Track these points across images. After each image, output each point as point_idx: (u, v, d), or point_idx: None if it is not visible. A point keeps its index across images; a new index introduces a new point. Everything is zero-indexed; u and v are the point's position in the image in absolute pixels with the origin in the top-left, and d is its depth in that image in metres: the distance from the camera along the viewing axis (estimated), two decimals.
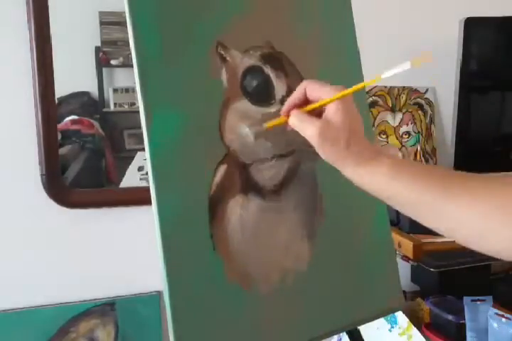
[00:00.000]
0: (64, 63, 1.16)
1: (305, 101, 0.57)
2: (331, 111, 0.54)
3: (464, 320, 1.09)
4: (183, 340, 0.54)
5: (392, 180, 0.52)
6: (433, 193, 0.49)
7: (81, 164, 1.27)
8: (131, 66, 0.55)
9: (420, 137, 1.52)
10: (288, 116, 0.58)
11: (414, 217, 0.52)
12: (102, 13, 1.26)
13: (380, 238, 0.75)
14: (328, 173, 0.66)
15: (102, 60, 1.28)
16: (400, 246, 1.12)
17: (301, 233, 0.66)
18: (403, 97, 1.49)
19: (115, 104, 1.31)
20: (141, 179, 1.28)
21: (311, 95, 0.57)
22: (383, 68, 0.55)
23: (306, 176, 0.67)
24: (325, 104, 0.55)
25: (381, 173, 0.53)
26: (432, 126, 1.53)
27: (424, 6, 1.46)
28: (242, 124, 0.62)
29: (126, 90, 1.32)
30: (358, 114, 0.56)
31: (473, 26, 1.33)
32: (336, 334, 0.74)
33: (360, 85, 0.54)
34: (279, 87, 0.65)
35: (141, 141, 0.56)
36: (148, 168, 0.55)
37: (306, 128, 0.56)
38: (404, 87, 1.48)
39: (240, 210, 0.60)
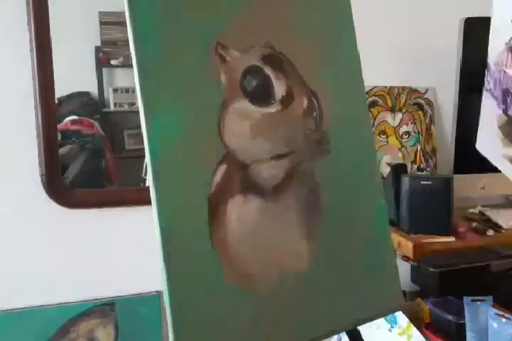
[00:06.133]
0: (64, 63, 1.16)
1: None
2: None
3: (464, 320, 1.09)
4: (182, 340, 0.54)
5: None
6: None
7: (81, 164, 1.27)
8: (131, 66, 0.55)
9: (420, 137, 1.52)
10: None
11: None
12: (102, 13, 1.26)
13: (380, 238, 0.75)
14: (328, 173, 0.66)
15: (102, 60, 1.28)
16: (399, 246, 1.12)
17: (300, 233, 0.66)
18: (403, 97, 1.49)
19: (115, 104, 1.31)
20: None
21: None
22: (383, 69, 0.56)
23: (306, 176, 0.67)
24: None
25: None
26: (432, 126, 1.53)
27: (424, 6, 1.46)
28: (241, 124, 0.62)
29: (126, 90, 1.33)
30: None
31: (473, 26, 1.34)
32: (335, 334, 0.74)
33: None
34: (279, 88, 0.65)
35: (141, 141, 0.56)
36: (148, 168, 0.55)
37: None
38: (404, 87, 1.48)
39: (239, 210, 0.60)
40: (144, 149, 0.55)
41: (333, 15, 0.75)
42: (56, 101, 1.16)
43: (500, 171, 1.07)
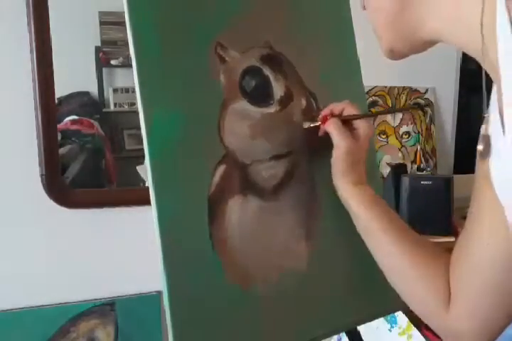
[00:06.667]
0: (64, 63, 1.16)
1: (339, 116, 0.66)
2: (363, 134, 0.65)
3: None
4: (182, 340, 0.54)
5: (372, 205, 0.63)
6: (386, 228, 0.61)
7: (81, 164, 1.27)
8: (131, 66, 0.55)
9: (420, 137, 1.52)
10: (324, 121, 0.65)
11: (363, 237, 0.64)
12: (102, 13, 1.26)
13: None
14: (327, 174, 0.66)
15: (102, 60, 1.28)
16: None
17: (300, 233, 0.66)
18: (403, 97, 1.49)
19: (115, 104, 1.31)
20: None
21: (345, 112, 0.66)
22: (383, 69, 0.56)
23: (305, 176, 0.67)
24: (356, 118, 0.65)
25: (368, 195, 0.64)
26: (432, 126, 1.53)
27: None
28: (241, 124, 0.62)
29: (126, 90, 1.33)
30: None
31: None
32: (335, 334, 0.74)
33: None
34: (278, 88, 0.65)
35: (141, 141, 0.56)
36: (148, 168, 0.55)
37: (341, 138, 0.63)
38: (404, 87, 1.48)
39: (239, 210, 0.60)
40: (143, 149, 0.55)
41: (332, 15, 0.75)
42: (56, 101, 1.16)
43: None
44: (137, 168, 1.29)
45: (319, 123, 0.65)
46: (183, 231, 0.56)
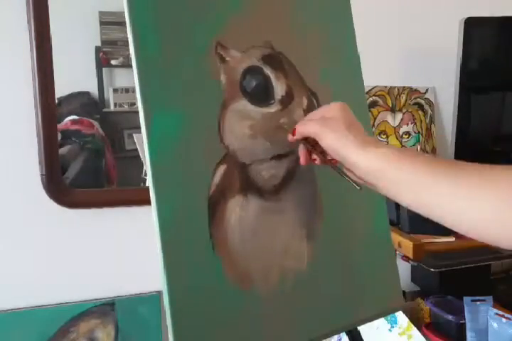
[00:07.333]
0: (64, 63, 1.16)
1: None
2: (329, 110, 0.59)
3: (464, 320, 1.09)
4: (182, 340, 0.54)
5: (394, 161, 0.52)
6: (435, 176, 0.49)
7: (81, 164, 1.27)
8: (131, 66, 0.55)
9: (420, 137, 1.51)
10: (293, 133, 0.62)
11: (409, 200, 0.51)
12: (102, 13, 1.26)
13: (380, 238, 0.75)
14: (328, 173, 0.66)
15: (102, 60, 1.28)
16: (400, 246, 1.12)
17: (300, 233, 0.66)
18: (403, 97, 1.49)
19: (115, 104, 1.31)
20: None
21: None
22: (383, 69, 0.56)
23: (306, 176, 0.67)
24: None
25: (382, 153, 0.53)
26: (432, 126, 1.53)
27: (424, 6, 1.46)
28: (241, 124, 0.62)
29: (126, 90, 1.32)
30: (354, 118, 0.59)
31: (473, 26, 1.34)
32: (336, 334, 0.74)
33: None
34: (279, 88, 0.65)
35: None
36: (148, 168, 0.55)
37: (308, 125, 0.59)
38: (404, 87, 1.48)
39: (239, 210, 0.60)
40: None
41: (333, 15, 0.75)
42: (56, 101, 1.16)
43: None
44: (134, 135, 1.29)
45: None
46: (183, 231, 0.56)
